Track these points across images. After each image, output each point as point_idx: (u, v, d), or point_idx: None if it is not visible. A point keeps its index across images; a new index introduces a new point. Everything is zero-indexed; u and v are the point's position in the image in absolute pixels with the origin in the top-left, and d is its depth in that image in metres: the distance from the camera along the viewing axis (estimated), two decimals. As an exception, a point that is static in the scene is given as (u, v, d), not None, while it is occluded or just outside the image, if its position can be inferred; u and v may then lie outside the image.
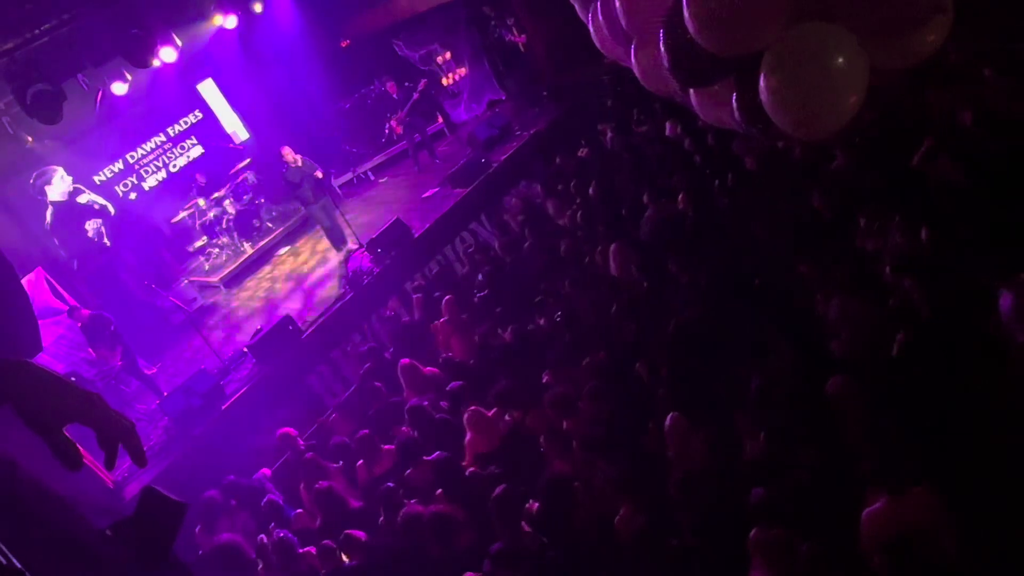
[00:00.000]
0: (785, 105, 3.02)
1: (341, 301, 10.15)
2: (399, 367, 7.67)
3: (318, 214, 11.23)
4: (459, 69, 14.48)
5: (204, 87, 14.98)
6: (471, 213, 11.39)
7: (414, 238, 10.74)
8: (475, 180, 11.48)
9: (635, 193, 8.35)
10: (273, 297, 11.81)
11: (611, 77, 11.62)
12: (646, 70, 3.83)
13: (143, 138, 14.33)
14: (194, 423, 8.92)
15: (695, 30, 3.07)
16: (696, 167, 8.15)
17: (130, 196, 14.16)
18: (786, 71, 3.03)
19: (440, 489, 5.72)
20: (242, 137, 15.33)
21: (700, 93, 3.57)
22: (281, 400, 9.46)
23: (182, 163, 14.71)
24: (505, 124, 12.71)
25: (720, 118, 3.57)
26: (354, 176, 14.79)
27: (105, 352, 10.03)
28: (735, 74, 3.24)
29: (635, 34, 3.84)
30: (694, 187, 7.61)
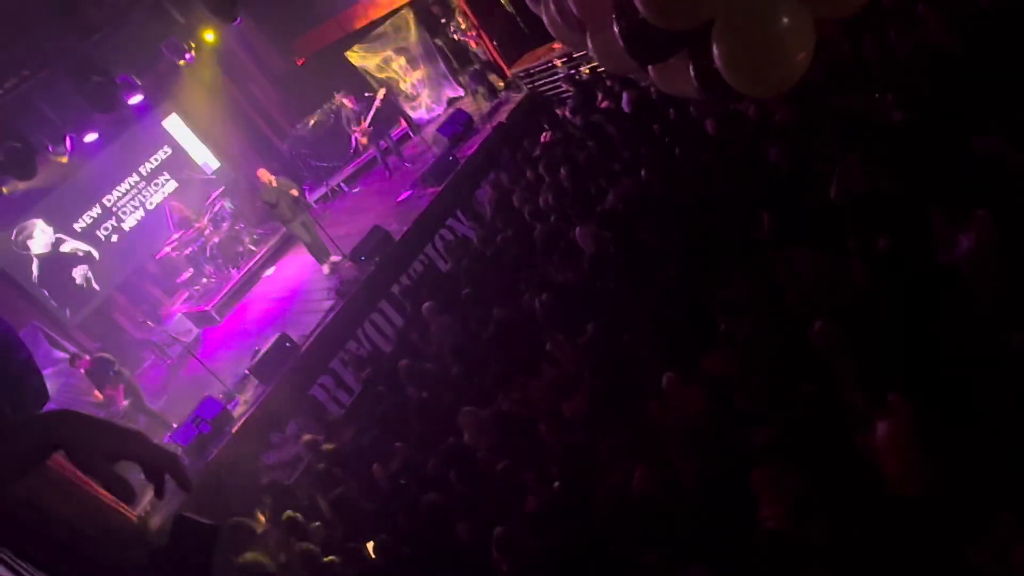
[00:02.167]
0: (739, 68, 3.06)
1: (333, 312, 10.14)
2: (400, 368, 7.69)
3: (299, 231, 11.17)
4: (415, 72, 14.42)
5: (170, 123, 14.83)
6: (447, 210, 11.38)
7: (395, 241, 10.73)
8: (446, 177, 11.48)
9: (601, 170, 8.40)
10: (266, 318, 11.76)
11: (565, 61, 11.64)
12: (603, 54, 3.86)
13: (117, 180, 14.17)
14: (207, 449, 8.90)
15: (645, 10, 3.10)
16: (657, 138, 8.20)
17: (112, 238, 14.01)
18: (736, 37, 3.08)
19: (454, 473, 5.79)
20: (213, 166, 15.20)
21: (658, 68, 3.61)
22: (289, 415, 9.47)
23: (158, 199, 14.56)
24: (467, 120, 12.71)
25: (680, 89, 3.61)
26: (328, 190, 14.71)
27: (111, 393, 9.98)
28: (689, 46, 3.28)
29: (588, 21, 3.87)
30: (657, 157, 7.65)
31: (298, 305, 11.30)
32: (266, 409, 9.29)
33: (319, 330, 9.97)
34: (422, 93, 14.60)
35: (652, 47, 3.30)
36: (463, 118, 12.71)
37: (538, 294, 7.18)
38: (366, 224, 11.89)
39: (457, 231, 11.26)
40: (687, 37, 3.28)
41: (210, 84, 14.86)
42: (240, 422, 9.16)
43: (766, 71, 3.08)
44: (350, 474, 7.42)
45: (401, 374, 7.76)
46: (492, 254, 8.77)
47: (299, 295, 11.66)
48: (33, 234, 12.99)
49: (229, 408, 9.38)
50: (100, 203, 13.93)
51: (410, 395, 7.60)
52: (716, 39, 3.09)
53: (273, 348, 9.58)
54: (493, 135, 12.16)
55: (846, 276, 4.64)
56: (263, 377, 9.48)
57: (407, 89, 14.57)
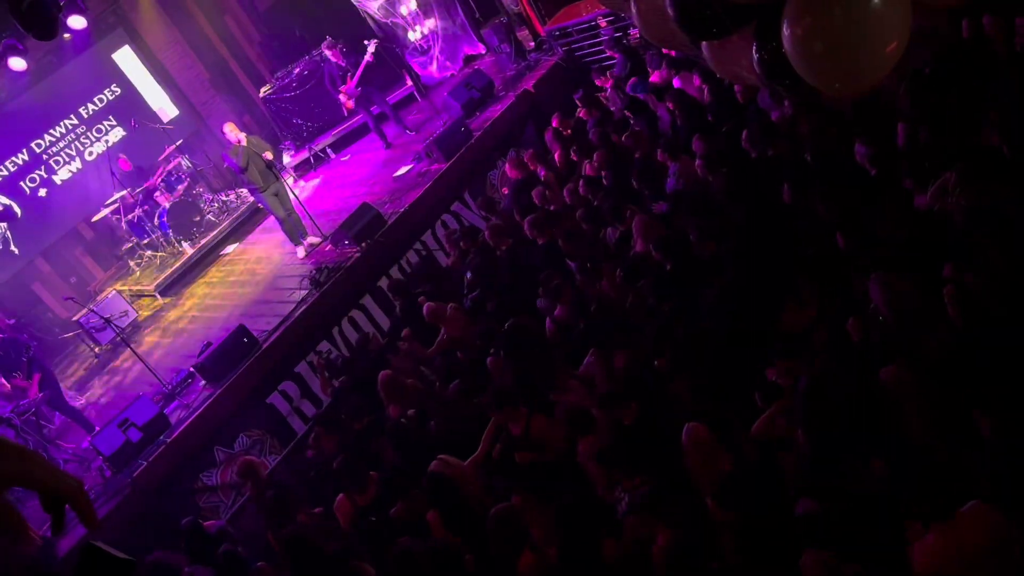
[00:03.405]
0: (813, 57, 3.19)
1: (305, 305, 10.28)
2: (379, 380, 7.83)
3: (271, 203, 11.31)
4: (427, 20, 14.56)
5: (121, 56, 15.07)
6: (453, 192, 11.52)
7: (387, 224, 10.85)
8: (455, 152, 11.60)
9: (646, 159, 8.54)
10: (222, 305, 11.95)
11: (611, 20, 11.77)
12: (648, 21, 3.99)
13: (51, 122, 14.44)
14: (134, 461, 9.05)
15: (705, -26, 3.23)
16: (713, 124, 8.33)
17: (39, 192, 14.28)
18: (813, 17, 3.20)
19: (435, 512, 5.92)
20: (171, 114, 15.44)
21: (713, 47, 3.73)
22: (239, 426, 9.62)
23: (100, 149, 14.82)
24: (486, 84, 12.83)
25: (738, 74, 3.74)
26: (311, 155, 14.90)
27: (21, 383, 10.17)
28: (753, 23, 3.40)
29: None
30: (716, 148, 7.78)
31: (263, 293, 11.47)
32: (212, 417, 9.43)
33: (286, 325, 10.09)
34: (434, 47, 14.72)
35: (709, 20, 3.42)
36: (481, 82, 12.84)
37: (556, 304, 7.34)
38: (353, 200, 12.04)
39: (464, 218, 11.39)
40: (753, 11, 3.40)
41: (174, 11, 15.08)
42: (178, 431, 9.31)
43: (847, 62, 3.19)
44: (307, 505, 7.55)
45: (381, 388, 7.89)
46: (505, 250, 8.90)
47: (265, 281, 11.83)
48: (-56, 178, 13.26)
49: (166, 412, 9.53)
50: (28, 148, 14.21)
51: (390, 414, 7.74)
52: (788, 18, 3.21)
53: (227, 343, 9.72)
54: (516, 105, 12.27)
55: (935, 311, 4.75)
56: (211, 377, 9.63)
57: (416, 40, 14.71)
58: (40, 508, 1.39)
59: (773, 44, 3.29)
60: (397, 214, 11.03)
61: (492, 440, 6.56)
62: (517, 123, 12.20)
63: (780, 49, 3.27)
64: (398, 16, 14.54)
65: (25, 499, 1.41)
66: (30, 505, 1.43)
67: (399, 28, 14.63)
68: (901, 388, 4.51)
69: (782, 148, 7.26)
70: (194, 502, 9.12)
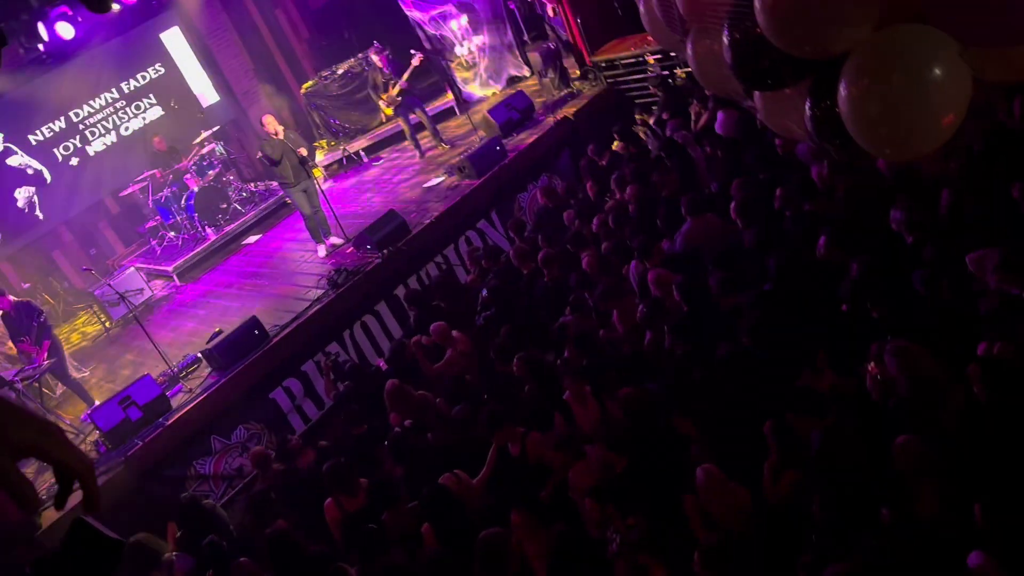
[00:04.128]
0: (868, 120, 3.12)
1: (319, 304, 10.26)
2: (386, 390, 7.78)
3: (299, 199, 11.33)
4: (476, 37, 14.60)
5: (169, 37, 15.17)
6: (481, 210, 11.50)
7: (411, 235, 10.84)
8: (488, 171, 11.60)
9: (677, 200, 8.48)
10: (237, 294, 11.93)
11: (659, 58, 11.75)
12: (703, 65, 3.94)
13: (92, 93, 14.51)
14: (131, 440, 9.01)
15: (767, 24, 3.17)
16: (753, 175, 8.26)
17: (71, 161, 14.33)
18: (872, 80, 3.14)
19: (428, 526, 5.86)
20: (211, 100, 15.51)
21: (766, 97, 3.67)
22: (239, 418, 9.58)
23: (136, 126, 14.89)
24: (527, 106, 12.85)
25: (788, 128, 3.67)
26: (344, 156, 14.94)
27: (29, 348, 10.15)
28: (810, 79, 3.34)
29: (693, 21, 3.95)
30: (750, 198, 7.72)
31: (279, 287, 11.46)
32: (214, 404, 9.40)
33: (298, 322, 10.08)
34: (480, 64, 14.76)
35: (765, 71, 3.36)
36: (523, 103, 12.85)
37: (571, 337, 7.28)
38: (381, 206, 12.08)
39: (489, 237, 11.37)
40: (811, 67, 3.34)
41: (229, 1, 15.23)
42: (178, 414, 9.27)
43: (902, 130, 3.13)
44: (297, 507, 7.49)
45: (386, 397, 7.84)
46: (527, 274, 8.86)
47: (283, 275, 11.82)
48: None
49: (169, 395, 9.51)
50: (67, 116, 14.27)
51: (391, 423, 7.69)
52: (846, 78, 3.15)
53: (238, 333, 9.70)
54: (555, 131, 12.28)
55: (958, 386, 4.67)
56: (218, 365, 9.61)
57: (463, 55, 14.75)
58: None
59: (827, 102, 3.23)
60: (422, 225, 11.03)
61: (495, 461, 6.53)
62: (553, 149, 12.20)
63: (834, 108, 3.21)
64: (448, 30, 14.59)
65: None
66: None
67: (447, 41, 14.67)
68: (911, 461, 4.43)
69: (819, 205, 7.18)
70: (184, 489, 9.05)
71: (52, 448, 1.33)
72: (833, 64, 3.22)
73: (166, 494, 8.73)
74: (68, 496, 1.37)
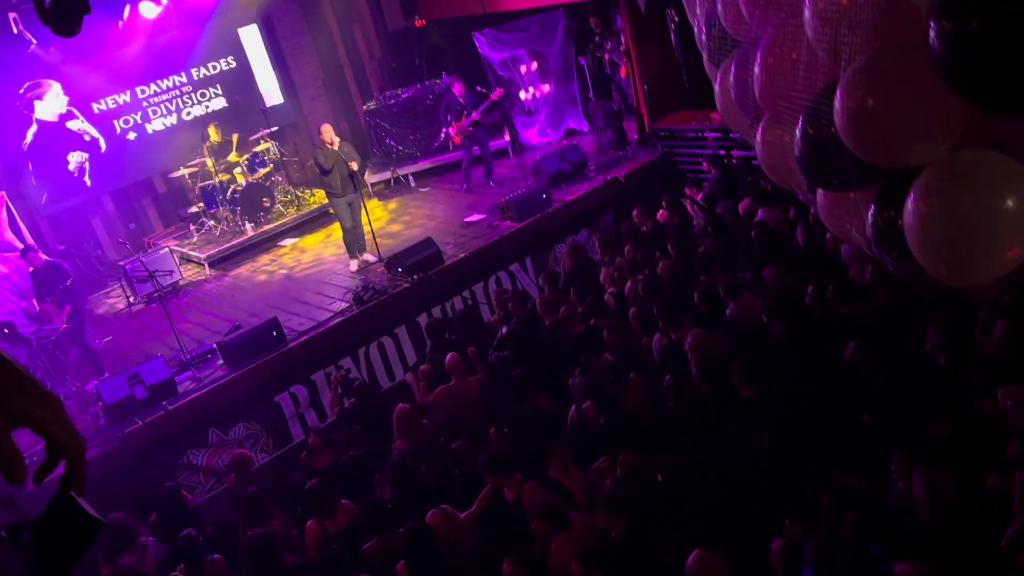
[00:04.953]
0: (931, 238, 3.00)
1: (341, 317, 10.21)
2: (396, 413, 7.68)
3: (342, 210, 11.33)
4: (542, 85, 14.65)
5: (247, 33, 15.33)
6: (516, 253, 11.44)
7: (443, 265, 10.81)
8: (530, 216, 11.56)
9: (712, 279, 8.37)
10: (262, 293, 11.91)
11: (717, 137, 11.70)
12: (770, 154, 3.84)
13: (161, 73, 14.63)
14: (131, 418, 8.95)
15: (844, 125, 3.08)
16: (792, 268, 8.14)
17: (129, 135, 14.43)
18: (941, 199, 3.03)
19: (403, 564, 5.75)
20: (275, 100, 15.61)
21: (829, 196, 3.56)
22: (240, 415, 9.51)
23: (198, 112, 14.99)
24: (580, 160, 12.83)
25: (845, 229, 3.56)
26: (392, 177, 14.97)
27: (51, 309, 10.14)
28: (877, 186, 3.23)
29: (768, 108, 3.86)
30: (785, 289, 7.61)
31: (305, 293, 11.42)
32: (219, 398, 9.34)
33: (317, 331, 10.04)
34: (541, 112, 14.82)
35: (834, 171, 3.26)
36: (576, 157, 12.84)
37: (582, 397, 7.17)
38: (419, 232, 12.07)
39: (519, 281, 11.30)
40: (880, 174, 3.23)
41: (310, 7, 15.38)
42: (183, 400, 9.22)
43: (963, 253, 3.01)
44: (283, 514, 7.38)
45: (395, 420, 7.74)
46: (548, 325, 8.76)
47: (312, 282, 11.79)
48: (44, 96, 13.45)
49: (177, 380, 9.45)
50: (132, 91, 14.39)
51: (392, 449, 7.58)
52: (916, 193, 3.04)
53: (256, 331, 9.68)
54: (603, 189, 12.24)
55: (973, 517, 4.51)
56: (231, 359, 9.56)
57: (525, 100, 14.80)
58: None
59: (892, 213, 3.11)
60: (456, 258, 11.03)
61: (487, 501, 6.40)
62: (598, 207, 12.16)
63: (898, 220, 3.09)
64: (516, 73, 14.66)
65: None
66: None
67: (514, 85, 14.74)
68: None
69: (855, 310, 7.03)
70: (174, 476, 8.95)
71: (49, 423, 1.27)
72: (904, 176, 3.11)
73: (154, 477, 8.63)
74: (50, 473, 1.30)
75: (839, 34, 3.09)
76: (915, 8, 3.03)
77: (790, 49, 3.52)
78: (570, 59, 14.54)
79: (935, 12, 2.80)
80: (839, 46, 3.10)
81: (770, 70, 3.68)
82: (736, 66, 4.13)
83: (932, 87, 2.91)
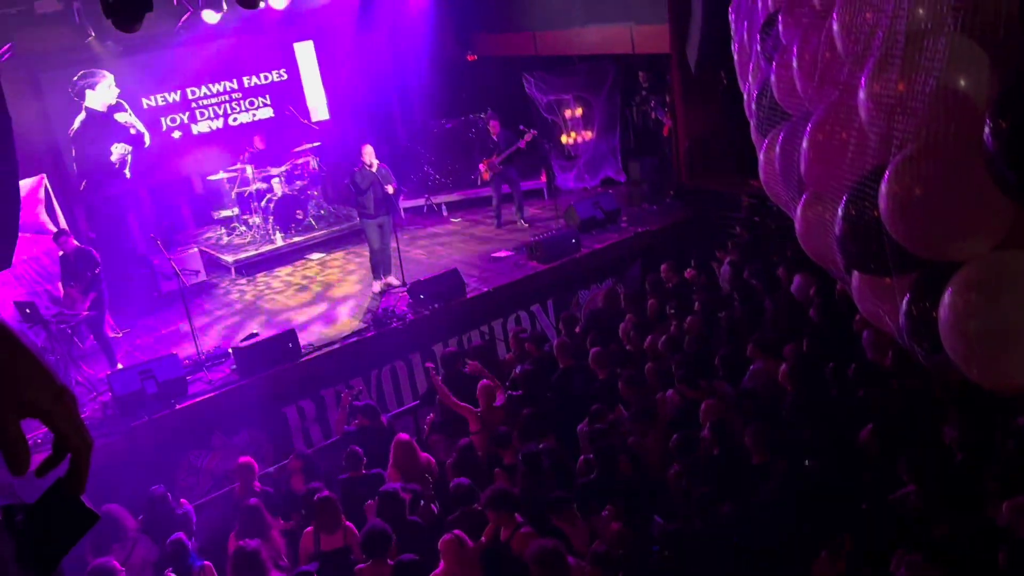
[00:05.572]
0: (965, 335, 2.93)
1: (358, 337, 10.19)
2: (395, 442, 7.60)
3: (371, 232, 11.36)
4: (585, 132, 14.71)
5: (301, 48, 15.52)
6: (539, 294, 11.41)
7: (465, 298, 10.79)
8: (557, 259, 11.55)
9: (733, 343, 8.30)
10: (283, 304, 11.93)
11: (753, 202, 11.66)
12: (809, 230, 3.79)
13: (213, 77, 14.83)
14: (139, 412, 8.93)
15: (888, 211, 3.02)
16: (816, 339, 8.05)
17: (174, 133, 14.59)
18: (979, 296, 2.96)
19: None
20: (321, 116, 15.77)
21: (864, 279, 3.50)
22: (246, 422, 9.47)
23: (245, 119, 15.15)
24: (613, 210, 12.82)
25: (877, 314, 3.49)
26: (426, 204, 15.02)
27: (76, 294, 10.16)
28: (915, 275, 3.16)
29: (811, 184, 3.81)
30: (807, 361, 7.52)
31: (324, 309, 11.41)
32: (227, 402, 9.32)
33: (332, 347, 10.03)
34: (580, 158, 14.87)
35: (872, 255, 3.20)
36: (609, 206, 12.83)
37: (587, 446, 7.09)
38: (445, 262, 12.09)
39: (538, 322, 11.26)
40: (920, 263, 3.17)
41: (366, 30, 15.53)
42: (191, 401, 9.20)
43: (995, 354, 2.93)
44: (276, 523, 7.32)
45: (392, 449, 7.66)
46: (562, 369, 8.69)
47: (332, 298, 11.79)
48: (96, 86, 13.64)
49: (188, 379, 9.43)
50: (182, 91, 14.58)
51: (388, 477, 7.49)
52: (954, 287, 2.97)
53: (272, 340, 9.67)
54: (633, 241, 12.22)
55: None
56: (244, 365, 9.53)
57: (567, 144, 14.85)
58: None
59: (927, 304, 3.04)
60: (479, 291, 11.03)
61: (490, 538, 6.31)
62: (626, 257, 12.13)
63: (932, 312, 3.02)
64: (560, 116, 14.72)
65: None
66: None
67: (556, 128, 14.80)
68: None
69: (874, 394, 6.92)
70: (173, 475, 8.91)
71: (59, 418, 1.25)
72: (943, 268, 3.05)
73: (152, 475, 8.57)
74: (55, 467, 1.29)
75: (893, 119, 3.05)
76: (972, 102, 2.99)
77: (841, 128, 3.48)
78: (615, 109, 14.60)
79: (993, 110, 2.76)
80: (891, 131, 3.06)
81: (818, 146, 3.63)
82: (784, 138, 4.09)
83: (981, 183, 2.86)
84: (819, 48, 3.77)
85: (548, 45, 14.64)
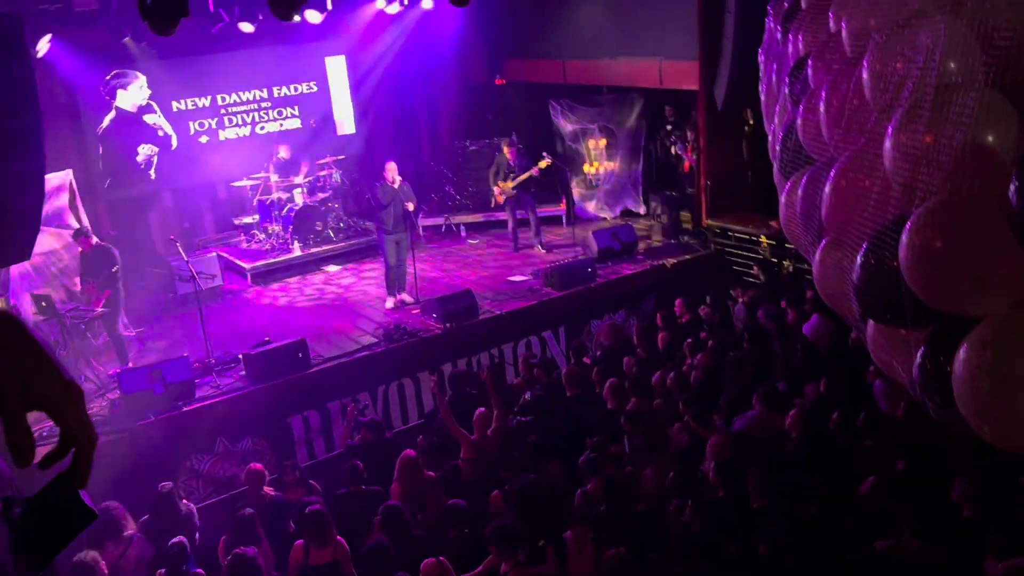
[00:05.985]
0: (979, 392, 2.88)
1: (368, 352, 10.17)
2: (400, 458, 7.55)
3: (389, 248, 11.36)
4: (608, 162, 14.72)
5: (333, 62, 15.61)
6: (551, 321, 11.38)
7: (477, 319, 10.78)
8: (572, 287, 11.52)
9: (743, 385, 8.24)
10: (296, 313, 11.95)
11: (772, 244, 11.62)
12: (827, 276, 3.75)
13: (244, 85, 14.92)
14: (144, 412, 8.92)
15: (907, 262, 2.99)
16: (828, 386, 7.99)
17: (201, 139, 14.67)
18: (995, 353, 2.91)
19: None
20: (347, 130, 15.84)
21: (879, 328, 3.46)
22: (251, 429, 9.46)
23: (272, 128, 15.23)
24: (631, 241, 12.81)
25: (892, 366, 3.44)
26: (445, 224, 15.05)
27: (92, 291, 10.21)
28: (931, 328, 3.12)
29: (831, 230, 3.78)
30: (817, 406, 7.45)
31: (337, 321, 11.41)
32: (234, 408, 9.31)
33: (342, 360, 10.02)
34: (601, 187, 14.87)
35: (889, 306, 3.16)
36: (628, 237, 12.82)
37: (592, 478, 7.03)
38: (459, 282, 12.10)
39: (549, 349, 11.22)
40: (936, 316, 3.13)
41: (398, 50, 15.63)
42: (198, 404, 9.20)
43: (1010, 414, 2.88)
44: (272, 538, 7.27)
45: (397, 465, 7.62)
46: (569, 397, 8.65)
47: (345, 312, 11.79)
48: (127, 86, 13.76)
49: (197, 382, 9.43)
50: (212, 97, 14.68)
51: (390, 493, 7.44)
52: (970, 342, 2.93)
53: (283, 349, 9.67)
54: (648, 274, 12.19)
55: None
56: (253, 373, 9.53)
57: (588, 174, 14.88)
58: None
59: (942, 358, 3.00)
60: (492, 314, 11.02)
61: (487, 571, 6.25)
62: (641, 290, 12.09)
63: (946, 366, 2.98)
64: (583, 146, 14.75)
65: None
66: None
67: (579, 156, 14.82)
68: None
69: (880, 444, 6.84)
70: (174, 477, 8.87)
71: (66, 412, 1.25)
72: (960, 323, 3.01)
73: (154, 476, 8.54)
74: (59, 460, 1.29)
75: (918, 170, 3.02)
76: (1000, 158, 2.96)
77: (865, 176, 3.45)
78: (639, 141, 14.62)
79: (1020, 166, 2.73)
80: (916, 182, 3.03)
81: (841, 192, 3.61)
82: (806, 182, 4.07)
83: (1003, 239, 2.82)
84: (847, 94, 3.75)
85: (576, 74, 14.70)
